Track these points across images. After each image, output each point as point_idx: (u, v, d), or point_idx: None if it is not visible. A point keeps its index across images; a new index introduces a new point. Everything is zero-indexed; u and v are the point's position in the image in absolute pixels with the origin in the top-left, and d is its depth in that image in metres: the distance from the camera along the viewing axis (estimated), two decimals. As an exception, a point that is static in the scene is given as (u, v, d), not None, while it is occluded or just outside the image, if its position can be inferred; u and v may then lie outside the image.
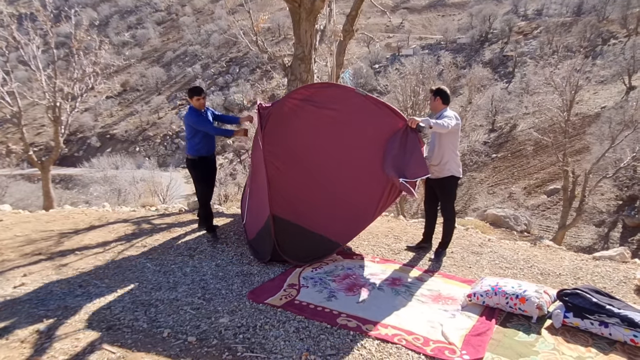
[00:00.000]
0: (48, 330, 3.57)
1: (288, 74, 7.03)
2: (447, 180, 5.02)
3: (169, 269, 4.93)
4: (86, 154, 52.10)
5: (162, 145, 54.63)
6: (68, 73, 14.17)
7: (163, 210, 7.83)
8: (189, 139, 5.67)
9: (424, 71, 27.99)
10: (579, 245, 23.49)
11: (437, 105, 5.09)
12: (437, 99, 5.08)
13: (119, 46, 71.37)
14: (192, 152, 5.67)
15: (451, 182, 5.06)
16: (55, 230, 6.30)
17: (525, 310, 3.75)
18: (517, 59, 49.71)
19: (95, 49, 14.73)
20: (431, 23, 68.48)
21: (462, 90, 44.44)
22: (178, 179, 37.16)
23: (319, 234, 4.93)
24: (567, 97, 22.44)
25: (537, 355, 3.29)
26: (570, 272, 4.88)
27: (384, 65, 54.13)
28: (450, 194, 5.18)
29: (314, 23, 6.68)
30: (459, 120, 4.93)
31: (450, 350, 3.34)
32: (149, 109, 60.35)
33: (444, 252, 5.27)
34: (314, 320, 3.75)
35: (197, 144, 5.61)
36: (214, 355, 3.25)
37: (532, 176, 32.20)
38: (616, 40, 47.22)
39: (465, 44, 57.88)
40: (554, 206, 27.68)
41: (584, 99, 35.45)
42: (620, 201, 26.32)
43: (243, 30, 9.40)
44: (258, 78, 58.78)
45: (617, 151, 22.01)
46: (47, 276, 4.70)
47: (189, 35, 73.75)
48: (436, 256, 5.21)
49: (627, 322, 3.40)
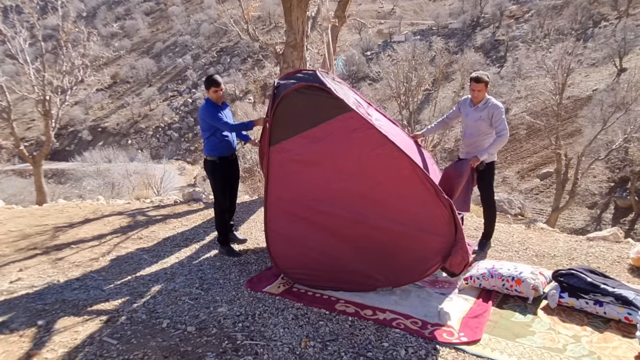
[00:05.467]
0: (46, 324, 3.57)
1: (280, 62, 6.99)
2: (489, 165, 4.75)
3: (165, 260, 4.93)
4: (78, 147, 51.61)
5: (154, 138, 54.21)
6: (57, 66, 14.00)
7: (158, 202, 7.81)
8: (207, 138, 4.82)
9: (416, 57, 27.91)
10: (572, 227, 23.71)
11: (483, 94, 4.62)
12: (487, 89, 4.62)
13: (107, 38, 70.37)
14: (212, 153, 4.84)
15: (493, 168, 4.83)
16: (49, 225, 6.26)
17: (522, 292, 3.79)
18: (509, 43, 49.56)
19: (84, 41, 14.55)
20: (422, 8, 68.03)
21: (454, 76, 44.35)
22: (172, 171, 36.98)
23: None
24: (559, 81, 22.52)
25: (533, 335, 3.34)
26: (564, 253, 4.93)
27: (376, 52, 53.76)
28: (492, 180, 4.90)
29: (305, 10, 6.61)
30: (501, 104, 4.65)
31: (448, 332, 3.37)
32: (140, 101, 59.76)
33: (488, 242, 5.02)
34: (312, 307, 3.77)
35: (217, 143, 4.79)
36: (214, 344, 3.26)
37: (525, 160, 32.36)
38: (607, 22, 47.16)
39: (457, 29, 57.61)
40: (547, 189, 27.89)
41: (576, 82, 35.52)
42: (612, 183, 26.54)
43: (233, 19, 9.30)
44: (250, 67, 58.27)
45: (609, 133, 22.18)
46: (44, 270, 4.69)
47: (179, 25, 72.82)
48: (480, 247, 4.95)
49: (622, 300, 3.45)
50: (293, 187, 4.02)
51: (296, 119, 3.90)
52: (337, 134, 3.82)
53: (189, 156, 50.79)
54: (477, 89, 4.57)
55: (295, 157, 3.97)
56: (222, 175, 4.93)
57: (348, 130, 3.78)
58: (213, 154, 4.83)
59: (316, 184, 3.95)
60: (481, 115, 4.59)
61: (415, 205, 3.74)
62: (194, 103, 55.61)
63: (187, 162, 49.41)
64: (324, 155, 3.89)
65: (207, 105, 4.78)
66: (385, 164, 3.75)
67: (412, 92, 26.41)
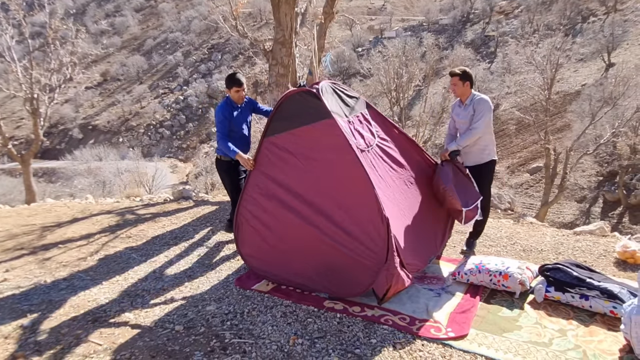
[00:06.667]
0: (32, 325, 3.54)
1: (269, 59, 6.96)
2: (487, 165, 4.58)
3: (154, 258, 4.90)
4: (68, 146, 51.17)
5: (146, 135, 53.85)
6: (45, 64, 13.87)
7: (148, 200, 7.77)
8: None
9: (406, 53, 27.96)
10: (562, 222, 23.93)
11: (466, 90, 4.52)
12: (467, 84, 4.50)
13: (97, 35, 69.70)
14: (223, 152, 4.83)
15: (491, 167, 4.62)
16: (37, 224, 6.21)
17: (508, 287, 3.82)
18: (499, 38, 49.76)
19: (72, 38, 14.42)
20: (413, 4, 68.04)
21: (444, 72, 44.47)
22: (164, 169, 36.85)
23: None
24: (548, 76, 22.69)
25: (520, 329, 3.36)
26: (551, 247, 4.97)
27: (366, 48, 53.76)
28: (490, 179, 4.70)
29: (293, 6, 6.59)
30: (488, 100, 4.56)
31: (436, 328, 3.39)
32: (131, 98, 59.28)
33: (475, 242, 4.90)
34: (300, 304, 3.77)
35: (232, 143, 4.63)
36: (202, 342, 3.25)
37: (515, 155, 32.57)
38: (595, 17, 47.50)
39: (448, 24, 57.71)
40: (537, 184, 28.10)
41: (565, 77, 35.76)
42: (601, 177, 26.79)
43: (223, 16, 9.24)
44: (241, 64, 58.00)
45: (597, 128, 22.38)
46: (30, 271, 4.65)
47: (169, 22, 72.26)
48: (468, 247, 4.84)
49: (607, 294, 3.48)
50: (271, 177, 4.15)
51: (291, 117, 4.07)
52: (316, 136, 3.96)
53: (181, 154, 50.58)
54: (452, 82, 4.54)
55: (280, 152, 4.12)
56: (230, 174, 5.00)
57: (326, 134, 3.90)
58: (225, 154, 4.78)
59: (292, 177, 4.07)
60: (469, 112, 4.54)
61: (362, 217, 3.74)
62: (186, 100, 55.33)
63: (180, 159, 49.21)
64: (303, 152, 4.02)
65: (223, 105, 4.79)
66: (348, 171, 3.81)
67: (402, 88, 26.48)
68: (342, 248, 3.78)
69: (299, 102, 4.05)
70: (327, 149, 3.92)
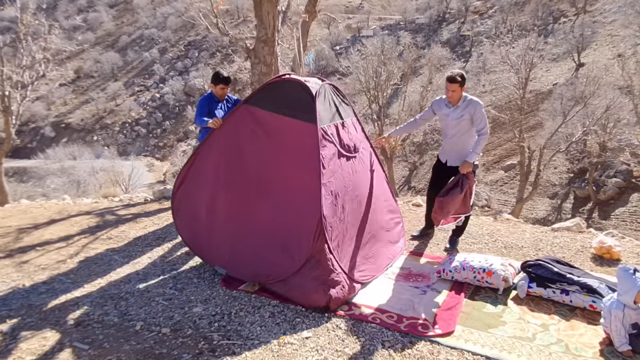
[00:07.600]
0: (12, 330, 3.45)
1: (251, 57, 6.91)
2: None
3: (137, 260, 4.82)
4: (40, 144, 49.72)
5: (121, 134, 52.73)
6: (16, 60, 13.43)
7: (127, 200, 7.63)
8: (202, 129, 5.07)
9: (384, 52, 28.12)
10: (535, 217, 24.45)
11: (458, 94, 4.54)
12: (463, 88, 4.53)
13: (69, 31, 67.77)
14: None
15: (474, 169, 4.65)
16: (12, 226, 6.03)
17: (492, 283, 3.90)
18: (474, 38, 50.52)
19: (45, 33, 14.01)
20: (390, 3, 68.44)
21: (422, 70, 44.92)
22: (140, 168, 36.18)
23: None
24: (522, 75, 23.16)
25: (504, 325, 3.44)
26: (531, 244, 5.09)
27: (345, 46, 53.83)
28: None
29: (275, 4, 6.55)
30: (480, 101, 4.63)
31: (423, 325, 3.44)
32: (106, 96, 57.94)
33: (458, 240, 5.01)
34: (288, 304, 3.77)
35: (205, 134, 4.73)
36: (190, 345, 3.22)
37: (490, 152, 33.11)
38: (566, 18, 48.65)
39: (424, 24, 58.26)
40: (511, 181, 28.64)
41: (538, 77, 36.46)
42: (572, 174, 27.46)
43: (202, 13, 9.12)
44: (219, 62, 57.32)
45: (569, 126, 22.93)
46: (7, 274, 4.51)
47: (144, 18, 70.87)
48: (451, 245, 4.93)
49: (586, 289, 3.60)
50: (231, 145, 4.24)
51: (279, 101, 4.08)
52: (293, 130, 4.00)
53: (157, 152, 49.71)
54: (451, 89, 4.51)
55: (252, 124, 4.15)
56: None
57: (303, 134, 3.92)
58: None
59: (250, 150, 4.15)
60: (463, 114, 4.53)
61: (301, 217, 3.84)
62: (162, 98, 54.38)
63: (156, 158, 48.37)
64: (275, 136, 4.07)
65: (206, 97, 5.05)
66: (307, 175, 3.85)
67: (381, 87, 26.65)
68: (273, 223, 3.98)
69: (293, 92, 4.06)
70: (297, 147, 3.97)
